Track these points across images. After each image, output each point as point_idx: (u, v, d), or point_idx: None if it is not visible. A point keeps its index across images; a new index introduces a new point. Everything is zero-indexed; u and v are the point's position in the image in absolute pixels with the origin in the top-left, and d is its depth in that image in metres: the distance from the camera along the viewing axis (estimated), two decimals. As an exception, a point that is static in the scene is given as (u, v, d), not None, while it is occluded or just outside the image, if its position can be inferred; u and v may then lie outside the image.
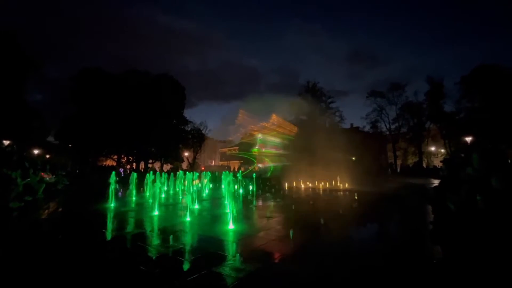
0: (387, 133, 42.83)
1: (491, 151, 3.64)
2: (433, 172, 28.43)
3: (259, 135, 39.11)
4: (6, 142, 23.71)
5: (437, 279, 3.08)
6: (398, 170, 40.18)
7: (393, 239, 5.24)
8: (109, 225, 6.52)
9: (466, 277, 3.08)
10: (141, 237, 5.24)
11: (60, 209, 8.79)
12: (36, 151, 30.09)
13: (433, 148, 41.88)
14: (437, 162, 39.26)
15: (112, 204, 9.09)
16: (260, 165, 35.15)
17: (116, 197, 9.83)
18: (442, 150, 39.95)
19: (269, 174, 18.27)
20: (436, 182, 14.54)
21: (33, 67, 30.71)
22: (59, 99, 36.56)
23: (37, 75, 35.14)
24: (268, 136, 39.04)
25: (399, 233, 5.98)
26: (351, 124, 46.80)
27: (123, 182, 14.09)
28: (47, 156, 31.97)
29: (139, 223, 6.49)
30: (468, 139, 26.58)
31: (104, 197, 9.72)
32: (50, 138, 39.03)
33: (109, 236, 5.42)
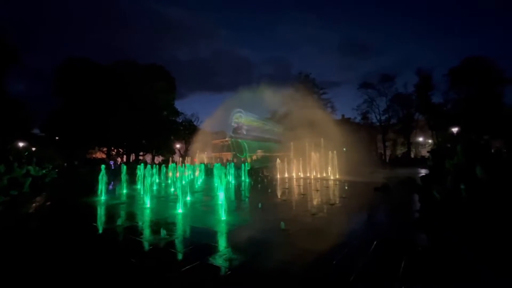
0: (377, 124, 43.57)
1: (475, 142, 3.76)
2: (421, 162, 29.23)
3: (236, 118, 39.01)
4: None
5: (420, 266, 3.21)
6: (387, 160, 41.13)
7: (380, 227, 5.40)
8: (100, 219, 6.47)
9: (448, 264, 3.23)
10: (132, 230, 5.21)
11: (48, 203, 8.61)
12: (21, 144, 29.08)
13: (421, 139, 42.99)
14: (425, 152, 40.36)
15: (102, 197, 8.99)
16: (240, 156, 35.23)
17: (107, 190, 9.71)
18: (430, 141, 41.06)
19: (248, 165, 18.18)
20: (423, 171, 15.00)
21: (14, 57, 29.38)
22: (45, 90, 35.20)
23: (19, 65, 33.68)
24: (249, 123, 38.86)
25: (386, 221, 6.17)
26: (342, 115, 47.47)
27: (114, 174, 13.89)
28: (33, 149, 30.97)
29: (131, 216, 6.44)
30: (455, 130, 27.34)
31: (94, 190, 9.59)
32: (36, 131, 37.82)
33: (100, 229, 5.38)
